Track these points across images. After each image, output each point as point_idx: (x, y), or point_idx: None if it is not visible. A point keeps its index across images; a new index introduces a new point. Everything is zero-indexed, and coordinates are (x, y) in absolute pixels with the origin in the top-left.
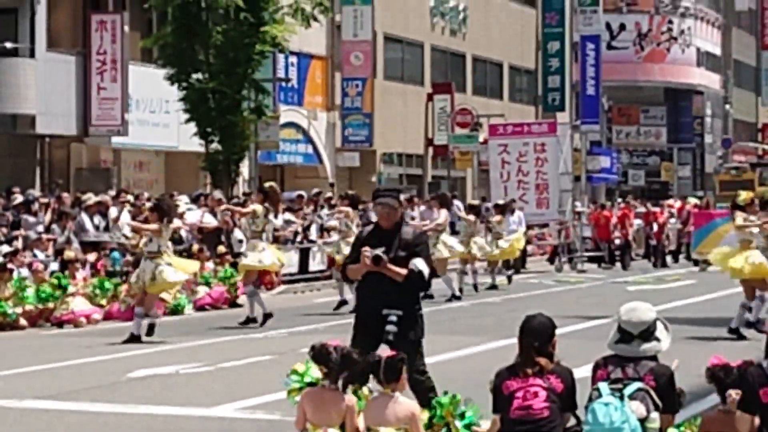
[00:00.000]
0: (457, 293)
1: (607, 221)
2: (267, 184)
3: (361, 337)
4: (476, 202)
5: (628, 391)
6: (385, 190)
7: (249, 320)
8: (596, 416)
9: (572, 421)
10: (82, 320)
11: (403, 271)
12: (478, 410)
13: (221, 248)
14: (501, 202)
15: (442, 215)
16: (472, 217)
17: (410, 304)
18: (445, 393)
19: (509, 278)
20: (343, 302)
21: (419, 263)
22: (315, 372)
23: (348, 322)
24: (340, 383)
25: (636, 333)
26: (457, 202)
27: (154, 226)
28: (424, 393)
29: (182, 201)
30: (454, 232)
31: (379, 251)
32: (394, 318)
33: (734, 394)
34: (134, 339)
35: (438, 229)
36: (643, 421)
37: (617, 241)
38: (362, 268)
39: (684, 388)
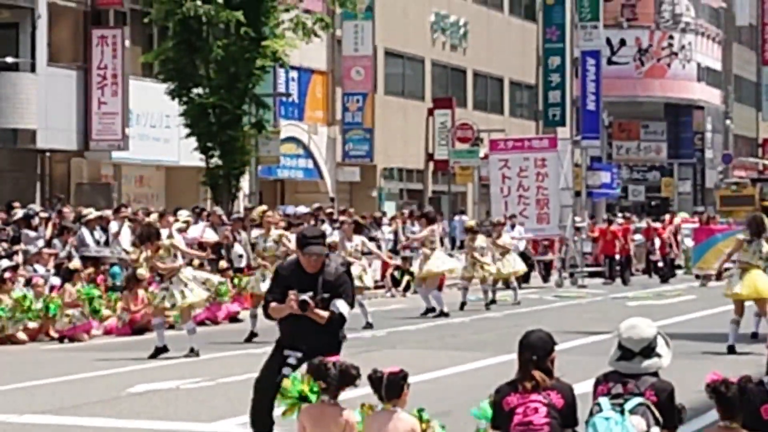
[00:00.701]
0: (446, 309)
1: (614, 237)
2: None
3: (273, 358)
4: (473, 222)
5: (628, 405)
6: (312, 237)
7: (252, 335)
8: (597, 431)
9: None
10: (83, 336)
11: (325, 314)
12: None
13: (223, 263)
14: (496, 220)
15: (425, 231)
16: (479, 241)
17: (331, 341)
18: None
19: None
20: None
21: (341, 305)
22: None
23: (347, 339)
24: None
25: (637, 350)
26: (465, 218)
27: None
28: None
29: (183, 215)
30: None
31: (305, 296)
32: (293, 360)
33: None
34: (160, 351)
35: (426, 244)
36: None
37: (617, 257)
38: (286, 310)
39: (684, 404)
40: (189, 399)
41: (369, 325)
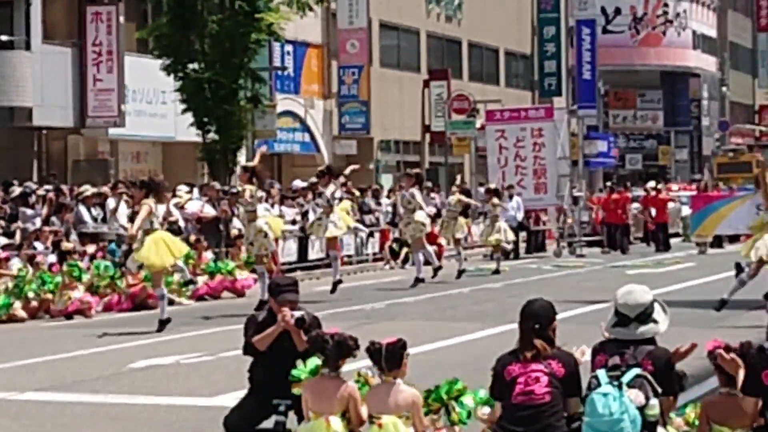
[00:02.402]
0: (421, 276)
1: (617, 205)
2: (250, 164)
3: (250, 407)
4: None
5: (626, 378)
6: (285, 285)
7: (262, 304)
8: (595, 407)
9: (581, 407)
10: (88, 311)
11: (305, 339)
12: (480, 398)
13: (234, 232)
14: (492, 186)
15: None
16: (468, 200)
17: None
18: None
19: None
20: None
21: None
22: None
23: (346, 311)
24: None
25: (633, 316)
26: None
27: (143, 212)
28: None
29: (183, 190)
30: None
31: (297, 314)
32: (283, 408)
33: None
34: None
35: (407, 206)
36: (642, 408)
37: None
38: (276, 330)
39: (685, 372)
40: (190, 374)
41: (338, 282)
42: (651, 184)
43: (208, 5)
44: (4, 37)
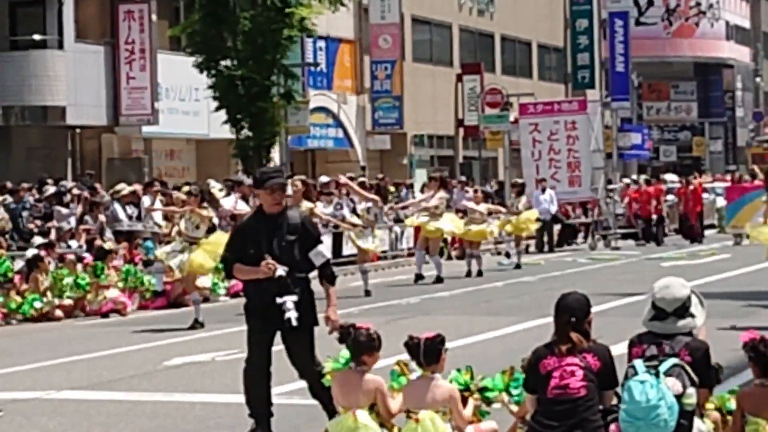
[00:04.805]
0: (441, 275)
1: (649, 198)
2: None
3: (257, 334)
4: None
5: (663, 367)
6: (273, 172)
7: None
8: (632, 394)
9: (615, 400)
10: (123, 310)
11: (333, 293)
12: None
13: None
14: (519, 180)
15: (436, 198)
16: (482, 207)
17: (305, 288)
18: (458, 371)
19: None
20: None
21: (323, 251)
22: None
23: (381, 306)
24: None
25: (670, 310)
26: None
27: (203, 212)
28: (318, 380)
29: (216, 187)
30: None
31: (281, 271)
32: (290, 305)
33: None
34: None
35: (434, 212)
36: (679, 397)
37: (654, 217)
38: (258, 275)
39: (720, 363)
40: (225, 371)
41: (367, 293)
42: (668, 176)
43: (240, 2)
44: (37, 37)
